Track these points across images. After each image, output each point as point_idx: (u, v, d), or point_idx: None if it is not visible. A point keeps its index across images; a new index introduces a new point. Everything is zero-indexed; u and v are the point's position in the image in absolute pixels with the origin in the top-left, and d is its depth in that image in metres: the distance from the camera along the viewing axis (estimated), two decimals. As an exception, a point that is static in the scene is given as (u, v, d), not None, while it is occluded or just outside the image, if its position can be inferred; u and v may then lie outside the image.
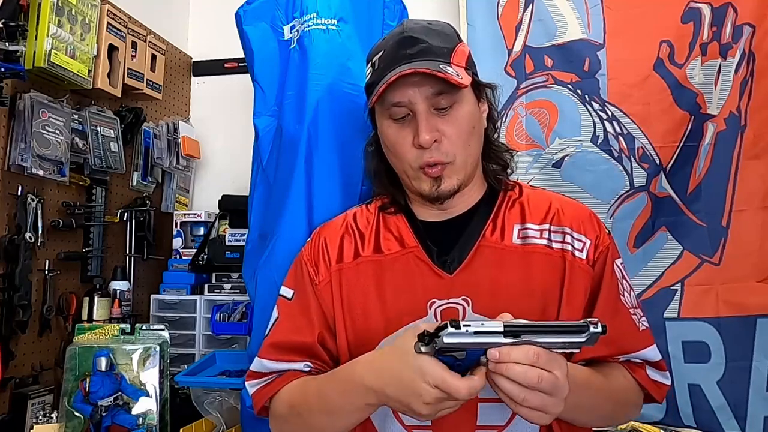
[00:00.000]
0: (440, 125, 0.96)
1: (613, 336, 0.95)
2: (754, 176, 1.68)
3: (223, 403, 1.55)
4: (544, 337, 0.75)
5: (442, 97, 0.95)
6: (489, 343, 0.75)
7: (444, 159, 0.97)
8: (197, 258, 1.93)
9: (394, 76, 0.93)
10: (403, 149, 0.99)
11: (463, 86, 0.94)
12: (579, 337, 0.75)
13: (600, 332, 0.75)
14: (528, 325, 0.76)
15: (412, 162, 0.98)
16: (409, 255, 1.01)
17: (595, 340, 0.76)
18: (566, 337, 0.76)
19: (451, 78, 0.92)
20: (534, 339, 0.75)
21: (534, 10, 1.80)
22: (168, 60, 2.05)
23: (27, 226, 1.47)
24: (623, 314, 1.00)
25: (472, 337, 0.74)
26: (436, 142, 0.96)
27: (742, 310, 1.66)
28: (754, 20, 1.69)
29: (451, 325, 0.74)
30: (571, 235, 0.99)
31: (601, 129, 1.74)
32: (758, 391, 1.63)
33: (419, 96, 0.95)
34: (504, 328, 0.75)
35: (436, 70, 0.92)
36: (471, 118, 0.99)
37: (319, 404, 0.94)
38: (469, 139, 0.99)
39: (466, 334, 0.74)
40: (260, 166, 1.42)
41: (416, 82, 0.94)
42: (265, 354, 1.04)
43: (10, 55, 1.36)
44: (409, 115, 0.97)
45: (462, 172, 0.99)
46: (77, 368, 1.41)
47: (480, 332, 0.75)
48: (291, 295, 1.07)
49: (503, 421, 0.92)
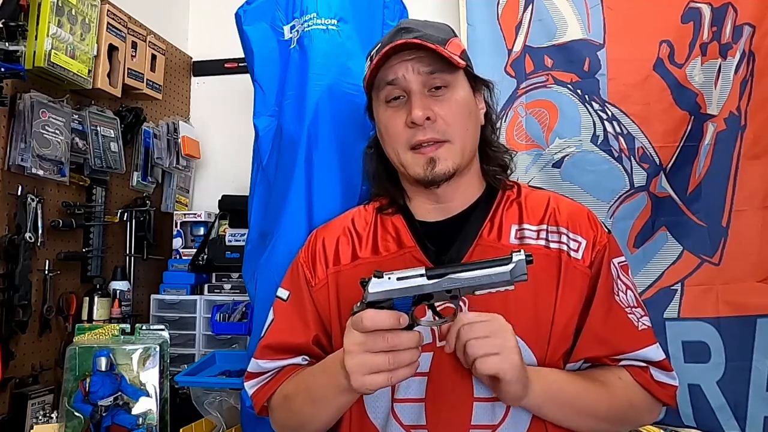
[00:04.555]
0: (433, 106, 0.97)
1: (606, 334, 0.95)
2: (754, 176, 1.68)
3: (223, 403, 1.55)
4: (468, 274, 0.76)
5: (435, 76, 0.96)
6: (413, 287, 0.76)
7: (439, 137, 0.97)
8: (197, 258, 1.93)
9: (389, 46, 0.95)
10: (397, 130, 0.99)
11: (456, 63, 0.95)
12: (505, 268, 0.76)
13: (524, 259, 0.76)
14: (449, 265, 0.78)
15: (405, 143, 0.99)
16: (407, 255, 1.01)
17: (524, 270, 0.76)
18: (491, 271, 0.76)
19: (444, 52, 0.94)
20: (458, 277, 0.76)
21: (534, 10, 1.80)
22: (168, 60, 2.05)
23: (27, 226, 1.47)
24: (617, 313, 0.98)
25: (396, 283, 0.76)
26: (429, 120, 0.97)
27: (742, 310, 1.66)
28: (754, 20, 1.69)
29: (375, 276, 0.76)
30: (567, 235, 0.99)
31: (601, 129, 1.74)
32: (758, 391, 1.63)
33: (412, 73, 0.96)
34: (426, 271, 0.77)
35: (428, 42, 0.94)
36: (466, 104, 1.00)
37: (305, 393, 0.95)
38: (466, 122, 0.99)
39: (390, 282, 0.76)
40: (260, 166, 1.42)
41: (410, 60, 0.96)
42: (260, 355, 1.05)
43: (10, 55, 1.36)
44: (403, 97, 0.98)
45: (459, 156, 0.99)
46: (77, 368, 1.41)
47: (402, 278, 0.76)
48: (286, 296, 1.07)
49: (496, 420, 0.92)
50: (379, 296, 0.77)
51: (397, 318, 0.76)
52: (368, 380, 0.78)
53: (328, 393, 0.90)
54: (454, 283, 0.76)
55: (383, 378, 0.78)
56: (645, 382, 0.97)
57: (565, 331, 0.95)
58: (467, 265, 0.78)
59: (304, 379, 0.98)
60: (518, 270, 0.75)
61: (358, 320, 0.77)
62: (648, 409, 1.00)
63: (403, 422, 0.94)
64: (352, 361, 0.79)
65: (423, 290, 0.77)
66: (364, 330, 0.77)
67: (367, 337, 0.77)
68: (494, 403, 0.92)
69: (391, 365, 0.77)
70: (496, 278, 0.76)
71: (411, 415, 0.94)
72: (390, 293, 0.77)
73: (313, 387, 0.94)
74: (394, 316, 0.76)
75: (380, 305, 0.77)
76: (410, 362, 0.78)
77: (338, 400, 0.91)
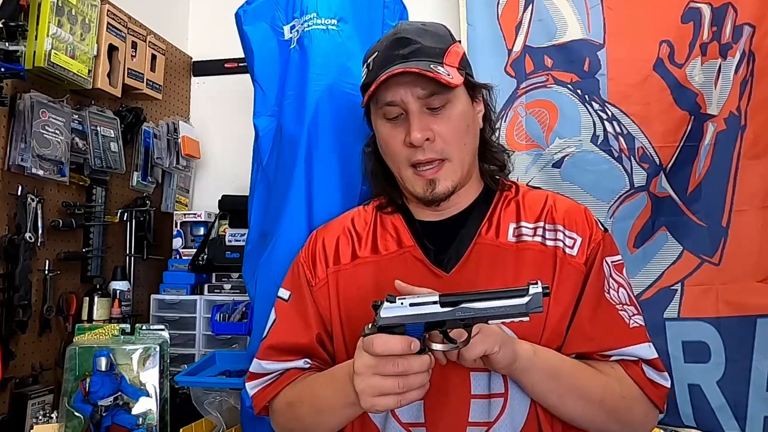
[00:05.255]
0: (433, 124, 0.97)
1: (594, 331, 0.95)
2: (754, 176, 1.68)
3: (223, 403, 1.55)
4: (482, 304, 0.75)
5: (434, 97, 0.96)
6: (426, 314, 0.75)
7: (437, 156, 0.97)
8: (197, 258, 1.93)
9: (384, 75, 0.94)
10: (396, 148, 0.99)
11: (454, 86, 0.95)
12: (520, 300, 0.74)
13: (541, 292, 0.74)
14: (464, 294, 0.76)
15: (404, 160, 0.99)
16: (406, 254, 1.01)
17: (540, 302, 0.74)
18: (506, 302, 0.75)
19: (441, 77, 0.93)
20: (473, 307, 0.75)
21: (534, 10, 1.80)
22: (168, 60, 2.05)
23: (27, 226, 1.47)
24: (606, 309, 0.97)
25: (409, 309, 0.74)
26: (428, 141, 0.96)
27: (742, 310, 1.65)
28: (754, 20, 1.69)
29: (388, 300, 0.75)
30: (563, 232, 1.00)
31: (601, 129, 1.74)
32: (758, 391, 1.63)
33: (410, 96, 0.96)
34: (439, 298, 0.75)
35: (426, 69, 0.93)
36: (464, 118, 0.99)
37: (310, 401, 0.95)
38: (463, 138, 0.99)
39: (402, 307, 0.74)
40: (260, 166, 1.42)
41: (408, 82, 0.95)
42: (263, 356, 1.05)
43: (10, 55, 1.36)
44: (402, 115, 0.98)
45: (458, 173, 0.99)
46: (77, 368, 1.41)
47: (415, 303, 0.75)
48: (288, 296, 1.07)
49: (493, 417, 0.92)
50: (391, 321, 0.75)
51: (409, 344, 0.76)
52: (378, 402, 0.78)
53: (335, 405, 0.91)
54: (468, 312, 0.75)
55: (393, 400, 0.78)
56: (636, 376, 0.96)
57: (558, 327, 0.95)
58: (482, 294, 0.76)
59: (310, 387, 0.98)
60: (534, 303, 0.74)
61: (368, 344, 0.77)
62: (642, 410, 0.97)
63: (401, 420, 0.95)
64: (362, 383, 0.78)
65: (436, 317, 0.75)
66: (375, 354, 0.76)
67: (378, 360, 0.77)
68: (491, 400, 0.93)
69: (401, 389, 0.77)
70: (511, 309, 0.75)
71: (410, 414, 0.94)
72: (402, 319, 0.75)
73: (320, 397, 0.94)
74: (405, 342, 0.75)
75: (391, 330, 0.76)
76: (420, 386, 0.78)
77: (345, 413, 0.91)
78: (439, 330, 0.78)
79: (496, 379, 0.94)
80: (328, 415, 0.93)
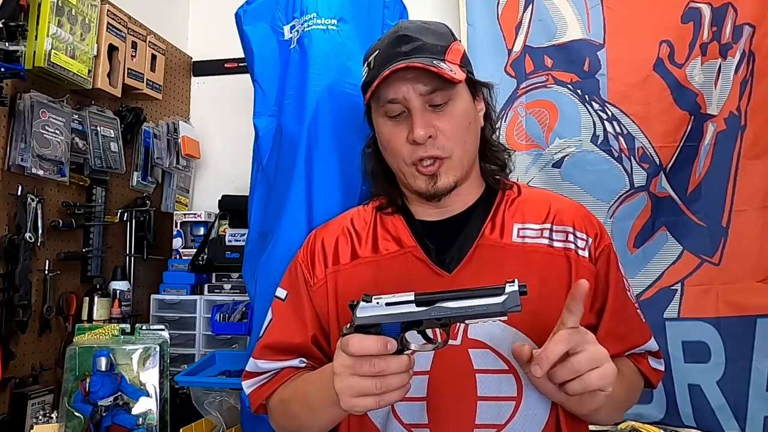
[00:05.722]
0: (435, 121, 0.97)
1: (624, 332, 0.99)
2: (754, 176, 1.68)
3: (223, 403, 1.55)
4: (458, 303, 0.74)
5: (436, 94, 0.96)
6: (403, 314, 0.74)
7: (440, 153, 0.97)
8: (197, 258, 1.93)
9: (387, 71, 0.94)
10: (398, 145, 0.99)
11: (457, 81, 0.95)
12: (497, 299, 0.73)
13: (518, 290, 0.73)
14: (440, 292, 0.75)
15: (407, 158, 0.99)
16: (407, 254, 1.01)
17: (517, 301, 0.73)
18: (482, 301, 0.74)
19: (444, 72, 0.93)
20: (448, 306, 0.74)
21: (534, 10, 1.80)
22: (168, 60, 2.05)
23: (27, 226, 1.47)
24: (632, 310, 1.03)
25: (384, 309, 0.74)
26: (431, 138, 0.96)
27: (742, 310, 1.66)
28: (754, 20, 1.69)
29: (364, 300, 0.74)
30: (574, 234, 1.00)
31: (601, 129, 1.74)
32: (758, 391, 1.63)
33: (413, 92, 0.96)
34: (415, 297, 0.75)
35: (429, 65, 0.93)
36: (466, 115, 0.99)
37: (302, 399, 0.95)
38: (465, 135, 0.99)
39: (378, 307, 0.74)
40: (260, 166, 1.42)
41: (410, 78, 0.95)
42: (258, 355, 1.05)
43: (10, 55, 1.36)
44: (404, 113, 0.98)
45: (459, 169, 0.99)
46: (77, 368, 1.41)
47: (391, 303, 0.74)
48: (285, 296, 1.07)
49: (503, 419, 0.91)
50: (367, 321, 0.74)
51: (385, 344, 0.75)
52: (356, 402, 0.77)
53: (323, 404, 0.90)
54: (443, 311, 0.74)
55: (371, 401, 0.77)
56: (646, 370, 1.03)
57: None
58: (458, 293, 0.75)
59: (302, 385, 0.98)
60: (510, 301, 0.73)
61: (345, 344, 0.76)
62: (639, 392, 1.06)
63: (403, 421, 0.94)
64: (340, 384, 0.78)
65: (412, 317, 0.74)
66: (351, 354, 0.76)
67: (354, 360, 0.76)
68: (500, 402, 0.91)
69: (379, 390, 0.76)
70: (488, 308, 0.74)
71: (412, 414, 0.94)
72: (378, 318, 0.74)
73: (309, 395, 0.94)
74: (381, 342, 0.75)
75: (368, 330, 0.75)
76: (399, 386, 0.77)
77: (330, 412, 0.90)
78: (417, 329, 0.77)
79: (507, 382, 0.92)
80: (318, 412, 0.92)
